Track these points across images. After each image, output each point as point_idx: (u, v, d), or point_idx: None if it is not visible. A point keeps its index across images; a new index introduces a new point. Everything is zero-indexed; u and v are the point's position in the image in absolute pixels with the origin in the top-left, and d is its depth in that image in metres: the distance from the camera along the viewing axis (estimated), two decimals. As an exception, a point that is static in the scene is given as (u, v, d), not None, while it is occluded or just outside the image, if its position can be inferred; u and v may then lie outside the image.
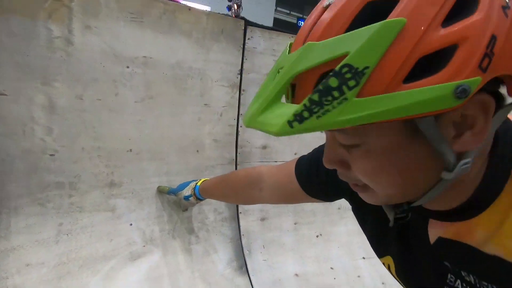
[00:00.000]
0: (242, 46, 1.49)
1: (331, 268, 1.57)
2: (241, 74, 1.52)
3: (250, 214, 1.59)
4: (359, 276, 1.57)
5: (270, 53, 1.57)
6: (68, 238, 1.12)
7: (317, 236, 1.66)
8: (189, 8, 1.33)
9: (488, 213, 0.38)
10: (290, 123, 0.27)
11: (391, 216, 0.45)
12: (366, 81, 0.25)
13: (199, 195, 1.17)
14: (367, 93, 0.26)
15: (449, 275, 0.46)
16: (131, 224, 1.26)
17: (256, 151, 1.63)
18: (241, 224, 1.54)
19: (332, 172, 0.56)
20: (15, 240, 1.03)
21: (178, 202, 1.32)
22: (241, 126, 1.58)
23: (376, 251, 0.63)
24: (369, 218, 0.61)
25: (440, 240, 0.45)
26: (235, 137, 1.56)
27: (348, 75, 0.25)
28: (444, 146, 0.30)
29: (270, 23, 16.28)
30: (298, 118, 0.27)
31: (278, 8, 16.26)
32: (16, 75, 1.03)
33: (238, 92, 1.53)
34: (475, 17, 0.25)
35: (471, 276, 0.42)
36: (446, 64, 0.25)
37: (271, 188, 0.89)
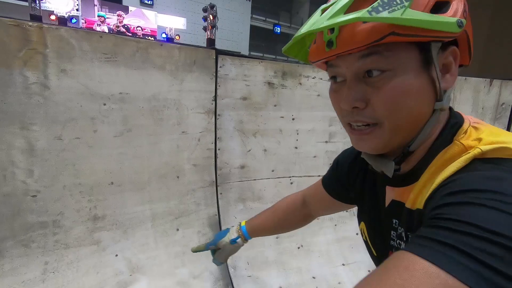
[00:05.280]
0: (214, 74, 1.58)
1: (313, 277, 1.66)
2: (215, 100, 1.60)
3: (233, 233, 1.66)
4: (339, 283, 1.66)
5: (241, 78, 1.66)
6: (55, 276, 1.15)
7: (298, 248, 1.75)
8: (161, 44, 1.40)
9: (418, 182, 0.47)
10: (369, 12, 0.36)
11: (390, 168, 0.49)
12: (412, 2, 0.37)
13: (247, 235, 1.03)
14: (414, 8, 0.38)
15: (391, 232, 0.54)
16: (116, 255, 1.30)
17: (235, 171, 1.71)
18: (225, 243, 1.61)
19: (348, 170, 0.66)
20: (0, 284, 1.05)
21: (218, 254, 1.04)
22: (219, 149, 1.65)
23: (359, 219, 0.72)
24: (366, 199, 0.68)
25: (393, 202, 0.55)
26: (213, 160, 1.63)
27: None
28: (439, 76, 0.43)
29: (247, 31, 16.50)
30: (375, 10, 0.36)
31: (254, 16, 16.55)
32: (-6, 123, 1.06)
33: (214, 117, 1.61)
34: None
35: (400, 227, 0.52)
36: (447, 10, 0.40)
37: (312, 202, 0.93)
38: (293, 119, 1.83)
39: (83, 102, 1.23)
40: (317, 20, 0.41)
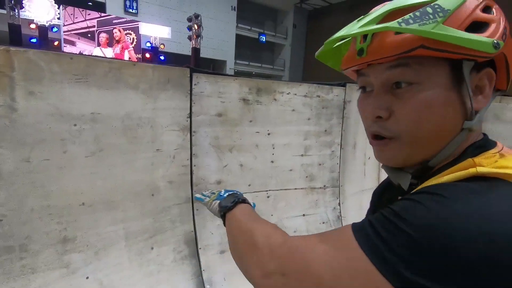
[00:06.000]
0: (189, 92, 1.60)
1: (290, 290, 1.68)
2: (190, 117, 1.62)
3: (210, 249, 1.66)
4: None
5: (216, 95, 1.69)
6: (21, 302, 1.13)
7: (275, 261, 1.76)
8: (134, 64, 1.42)
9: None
10: (399, 23, 0.37)
11: (406, 181, 0.47)
12: (448, 17, 0.38)
13: None
14: (448, 24, 0.38)
15: None
16: (87, 277, 1.28)
17: (211, 187, 1.72)
18: (201, 259, 1.61)
19: (378, 198, 0.63)
20: (-38, 313, 1.02)
21: None
22: (194, 166, 1.66)
23: None
24: None
25: None
26: (189, 177, 1.64)
27: (438, 10, 0.38)
28: (470, 95, 0.42)
29: (232, 40, 16.63)
30: (405, 22, 0.37)
31: (239, 25, 16.73)
32: (-44, 148, 1.04)
33: (189, 134, 1.63)
34: (498, 15, 0.41)
35: None
36: (485, 31, 0.39)
37: None
38: (268, 134, 1.87)
39: (53, 123, 1.22)
40: (351, 28, 0.42)
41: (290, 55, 19.21)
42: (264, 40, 17.85)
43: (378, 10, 0.41)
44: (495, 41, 0.38)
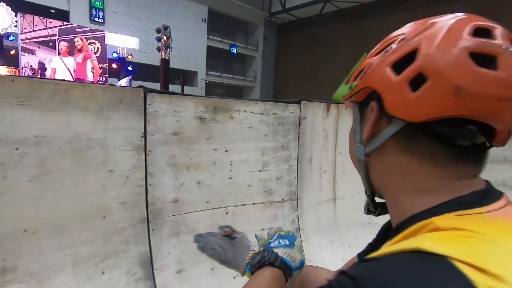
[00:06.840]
0: (143, 112, 1.60)
1: (248, 306, 1.69)
2: (145, 136, 1.62)
3: (167, 269, 1.64)
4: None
5: (172, 115, 1.71)
6: None
7: (234, 278, 1.78)
8: (83, 85, 1.40)
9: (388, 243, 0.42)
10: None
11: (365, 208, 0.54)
12: (349, 77, 0.49)
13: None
14: (347, 83, 0.49)
15: None
16: (29, 309, 1.22)
17: (167, 205, 1.71)
18: (156, 281, 1.59)
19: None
20: None
21: None
22: (150, 185, 1.65)
23: None
24: None
25: None
26: (144, 196, 1.63)
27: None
28: (358, 129, 0.48)
29: (203, 51, 16.66)
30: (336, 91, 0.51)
31: (211, 36, 16.84)
32: None
33: (143, 153, 1.62)
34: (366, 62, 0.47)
35: None
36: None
37: None
38: (226, 151, 1.91)
39: (-9, 148, 1.17)
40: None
41: (261, 66, 19.56)
42: (235, 51, 18.07)
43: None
44: (352, 84, 0.47)
